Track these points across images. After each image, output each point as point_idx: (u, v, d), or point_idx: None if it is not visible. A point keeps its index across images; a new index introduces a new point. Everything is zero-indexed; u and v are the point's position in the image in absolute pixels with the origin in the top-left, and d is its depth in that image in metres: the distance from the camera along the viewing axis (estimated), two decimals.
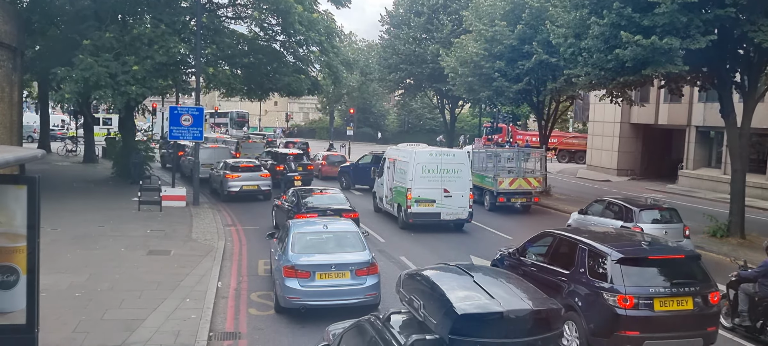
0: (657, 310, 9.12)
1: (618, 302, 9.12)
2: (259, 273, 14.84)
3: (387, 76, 51.78)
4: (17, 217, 6.51)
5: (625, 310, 9.07)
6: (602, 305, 9.30)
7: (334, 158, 36.06)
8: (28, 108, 53.02)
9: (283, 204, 19.01)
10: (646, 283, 9.29)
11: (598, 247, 9.88)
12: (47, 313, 10.00)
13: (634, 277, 9.30)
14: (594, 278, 9.66)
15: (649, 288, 9.23)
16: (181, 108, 24.29)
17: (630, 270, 9.34)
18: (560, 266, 10.56)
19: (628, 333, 9.02)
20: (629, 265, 9.40)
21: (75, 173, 32.80)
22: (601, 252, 9.76)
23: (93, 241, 16.83)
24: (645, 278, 9.39)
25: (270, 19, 28.95)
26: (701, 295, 9.39)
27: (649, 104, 37.39)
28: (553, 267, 10.75)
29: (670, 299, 9.22)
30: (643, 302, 9.12)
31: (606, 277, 9.46)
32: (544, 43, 25.95)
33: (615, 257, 9.45)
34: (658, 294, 9.21)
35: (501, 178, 24.92)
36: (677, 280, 9.41)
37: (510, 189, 24.85)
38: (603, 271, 9.57)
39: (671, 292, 9.27)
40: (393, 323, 6.31)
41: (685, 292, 9.31)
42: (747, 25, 16.98)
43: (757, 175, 29.01)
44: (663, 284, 9.36)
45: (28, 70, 31.58)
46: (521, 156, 27.11)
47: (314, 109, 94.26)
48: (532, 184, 25.34)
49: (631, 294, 9.11)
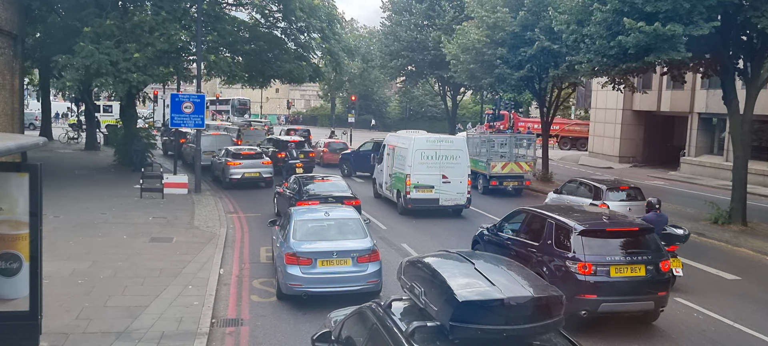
0: (613, 276, 10.14)
1: (578, 269, 10.16)
2: (260, 260, 14.89)
3: (388, 63, 51.62)
4: (19, 204, 6.53)
5: (584, 276, 10.10)
6: (565, 272, 10.35)
7: (336, 145, 36.02)
8: (29, 96, 53.04)
9: (284, 191, 19.03)
10: (603, 252, 10.28)
11: (564, 221, 10.96)
12: (50, 300, 10.07)
13: (594, 247, 10.31)
14: (559, 249, 10.72)
15: (606, 257, 10.23)
16: (182, 95, 24.28)
17: (590, 241, 10.36)
18: (531, 238, 11.66)
19: (587, 296, 9.94)
20: (589, 236, 10.43)
21: (77, 160, 32.86)
22: (566, 225, 10.82)
23: (95, 228, 16.88)
24: (603, 248, 10.36)
25: (271, 5, 28.87)
26: (653, 263, 10.35)
27: (652, 91, 37.30)
28: (525, 240, 11.85)
29: (625, 267, 10.24)
30: (601, 268, 10.13)
31: (569, 247, 10.48)
32: (546, 29, 25.85)
33: (577, 229, 10.49)
34: (613, 262, 10.22)
35: (494, 162, 25.84)
36: (631, 250, 10.43)
37: (502, 173, 25.87)
38: (567, 242, 10.60)
39: (625, 260, 10.28)
40: (394, 310, 6.33)
41: (639, 260, 10.31)
42: (750, 10, 16.90)
43: (759, 162, 28.97)
44: (618, 253, 10.36)
45: (28, 57, 31.55)
46: (513, 142, 28.00)
47: (316, 96, 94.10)
48: (524, 168, 26.36)
49: (589, 262, 10.12)
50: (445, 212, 20.57)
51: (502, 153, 27.30)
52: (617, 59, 19.36)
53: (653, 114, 39.52)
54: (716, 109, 30.68)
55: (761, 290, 13.62)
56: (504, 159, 26.53)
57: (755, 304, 12.49)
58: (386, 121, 76.25)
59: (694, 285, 13.52)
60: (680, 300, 12.39)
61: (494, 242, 12.94)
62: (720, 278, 14.20)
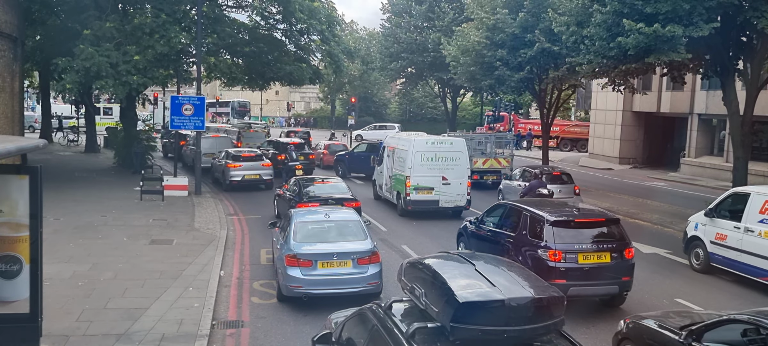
0: (580, 262, 11.13)
1: (549, 256, 11.12)
2: (261, 262, 14.89)
3: (388, 65, 51.65)
4: (20, 207, 6.52)
5: (555, 262, 11.06)
6: (538, 259, 11.26)
7: (336, 147, 36.05)
8: (29, 98, 53.04)
9: (284, 193, 19.02)
10: (572, 241, 11.24)
11: (537, 213, 11.87)
12: (51, 302, 10.06)
13: (563, 237, 11.25)
14: (533, 238, 11.64)
15: (575, 245, 11.18)
16: (182, 98, 24.27)
17: (560, 231, 11.31)
18: (509, 230, 12.62)
19: (557, 281, 10.42)
20: (560, 227, 11.37)
21: (77, 162, 32.85)
22: (539, 217, 11.71)
23: (95, 230, 16.88)
24: (572, 237, 11.32)
25: (271, 7, 28.88)
26: (618, 251, 11.39)
27: (652, 92, 37.29)
28: (503, 231, 12.82)
29: (592, 254, 11.24)
30: (569, 256, 11.08)
31: (542, 237, 11.38)
32: (546, 31, 25.85)
33: (549, 220, 11.40)
34: (581, 250, 11.20)
35: (475, 158, 27.30)
36: (598, 239, 11.46)
37: (483, 168, 28.04)
38: (540, 232, 11.49)
39: (592, 248, 11.28)
40: (395, 311, 6.35)
41: (604, 248, 11.32)
42: (750, 11, 16.90)
43: (759, 162, 28.95)
44: (586, 241, 11.34)
45: (28, 59, 31.55)
46: (493, 140, 30.53)
47: (316, 98, 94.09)
48: (502, 163, 28.63)
49: (559, 250, 11.08)
50: (445, 214, 20.58)
51: (483, 150, 29.36)
52: (617, 60, 19.36)
53: (653, 115, 39.52)
54: (716, 110, 30.67)
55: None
56: (484, 156, 28.68)
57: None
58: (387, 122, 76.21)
59: (694, 289, 13.50)
60: (680, 301, 12.41)
61: (476, 235, 13.95)
62: (719, 280, 14.19)
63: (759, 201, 13.19)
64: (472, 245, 13.77)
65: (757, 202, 13.23)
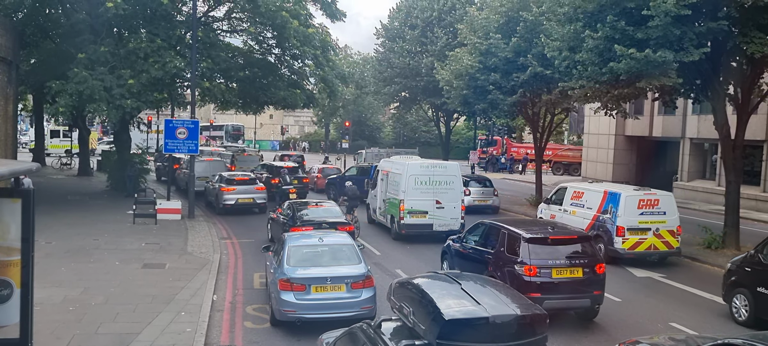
0: (554, 277, 11.82)
1: (524, 271, 11.80)
2: (254, 286, 14.80)
3: (382, 90, 51.88)
4: (11, 230, 6.47)
5: (530, 277, 11.73)
6: (514, 274, 11.91)
7: (330, 171, 36.09)
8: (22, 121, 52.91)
9: (278, 217, 18.99)
10: (546, 257, 11.94)
11: (514, 231, 12.60)
12: (41, 327, 9.96)
13: (538, 253, 11.95)
14: (510, 254, 12.30)
15: (548, 260, 11.88)
16: (176, 121, 24.33)
17: (535, 248, 12.00)
18: (489, 246, 13.30)
19: (532, 295, 10.57)
20: (535, 243, 12.07)
21: (70, 186, 32.73)
22: (516, 235, 12.42)
23: (87, 254, 16.77)
24: (547, 253, 12.01)
25: (265, 32, 29.07)
26: (590, 266, 12.05)
27: (644, 116, 37.55)
28: (483, 249, 13.50)
29: (565, 269, 11.96)
30: (544, 271, 11.79)
31: (518, 253, 12.05)
32: (538, 55, 26.05)
33: (525, 237, 12.10)
34: (555, 265, 11.89)
35: None
36: (571, 255, 12.12)
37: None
38: (517, 249, 12.15)
39: (565, 263, 11.98)
40: (384, 330, 6.48)
41: (577, 263, 12.03)
42: (740, 37, 17.13)
43: (751, 186, 29.14)
44: (559, 257, 12.02)
45: (23, 83, 31.57)
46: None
47: (310, 122, 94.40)
48: None
49: (534, 265, 11.78)
50: (439, 237, 20.49)
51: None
52: (609, 85, 19.52)
53: (645, 139, 39.78)
54: (708, 134, 30.90)
55: None
56: None
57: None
58: (381, 146, 76.45)
59: (688, 313, 13.51)
60: (675, 325, 12.40)
61: (460, 253, 14.60)
62: (714, 303, 14.20)
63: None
64: (456, 263, 14.48)
65: None
